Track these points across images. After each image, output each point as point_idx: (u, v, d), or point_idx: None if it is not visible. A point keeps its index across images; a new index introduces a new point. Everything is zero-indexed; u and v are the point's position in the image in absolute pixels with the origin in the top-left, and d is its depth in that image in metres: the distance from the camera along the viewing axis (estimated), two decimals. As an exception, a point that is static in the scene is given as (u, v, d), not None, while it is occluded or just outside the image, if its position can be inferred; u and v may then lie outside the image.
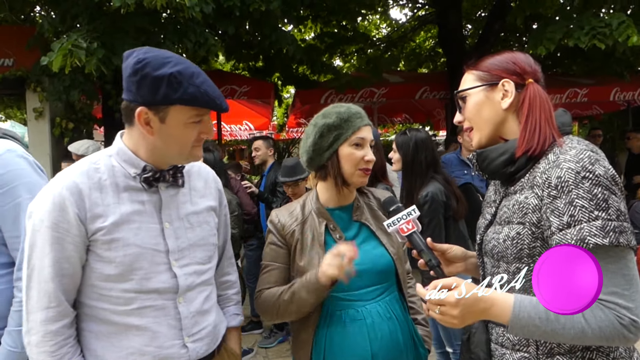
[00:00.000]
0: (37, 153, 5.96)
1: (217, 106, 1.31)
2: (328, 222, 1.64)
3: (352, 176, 1.61)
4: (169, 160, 1.39)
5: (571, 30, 5.33)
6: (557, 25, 5.51)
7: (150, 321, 1.34)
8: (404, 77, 8.93)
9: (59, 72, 4.40)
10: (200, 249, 1.45)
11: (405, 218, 1.42)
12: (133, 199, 1.35)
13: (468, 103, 1.33)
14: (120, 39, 4.63)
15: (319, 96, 8.21)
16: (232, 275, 1.71)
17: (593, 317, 1.06)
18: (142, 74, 1.24)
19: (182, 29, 4.83)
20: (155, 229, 1.36)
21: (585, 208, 1.08)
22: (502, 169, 1.26)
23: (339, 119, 1.58)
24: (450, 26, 8.13)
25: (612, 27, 5.04)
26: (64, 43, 4.28)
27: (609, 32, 5.06)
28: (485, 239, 1.33)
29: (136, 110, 1.28)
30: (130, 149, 1.37)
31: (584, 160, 1.11)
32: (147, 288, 1.33)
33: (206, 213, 1.50)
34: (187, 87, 1.25)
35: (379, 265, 1.62)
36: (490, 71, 1.30)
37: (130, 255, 1.30)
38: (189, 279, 1.40)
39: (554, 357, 1.18)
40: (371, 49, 9.03)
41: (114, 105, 6.66)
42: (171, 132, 1.31)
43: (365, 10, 8.21)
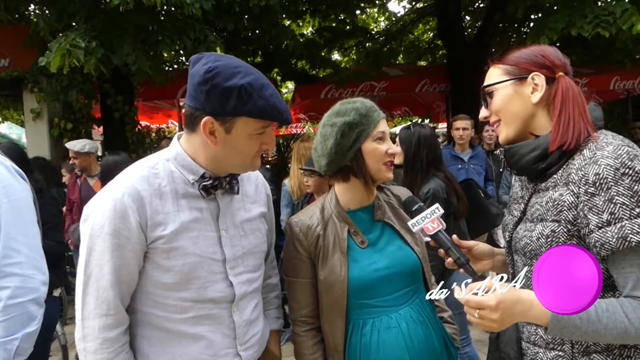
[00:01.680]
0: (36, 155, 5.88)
1: (284, 120, 1.27)
2: (350, 226, 1.57)
3: (379, 172, 1.54)
4: (229, 169, 1.36)
5: (574, 19, 5.26)
6: (560, 15, 5.44)
7: (205, 329, 1.32)
8: (403, 70, 8.88)
9: (57, 72, 4.32)
10: (252, 257, 1.43)
11: (430, 217, 1.37)
12: (192, 206, 1.32)
13: (495, 97, 1.28)
14: (118, 37, 4.55)
15: (319, 91, 8.17)
16: (273, 279, 1.68)
17: (636, 316, 1.04)
18: (213, 84, 1.20)
19: (182, 26, 4.75)
20: (212, 237, 1.34)
21: (626, 205, 1.05)
22: (533, 165, 1.22)
23: (359, 115, 1.51)
24: (450, 18, 8.06)
25: (616, 15, 4.98)
26: (62, 43, 4.20)
27: (612, 20, 5.00)
28: (515, 236, 1.29)
29: (202, 119, 1.24)
30: (189, 154, 1.33)
31: (622, 156, 1.08)
32: (204, 297, 1.31)
33: (258, 220, 1.48)
34: (256, 99, 1.21)
35: (407, 266, 1.56)
36: (518, 65, 1.26)
37: (189, 264, 1.28)
38: (243, 288, 1.39)
39: (590, 355, 1.15)
40: (370, 42, 8.94)
41: (113, 104, 6.60)
42: (235, 143, 1.27)
43: (364, 4, 8.13)
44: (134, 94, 6.91)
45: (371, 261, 1.54)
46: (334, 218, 1.58)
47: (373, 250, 1.56)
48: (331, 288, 1.51)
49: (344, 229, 1.56)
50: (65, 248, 3.36)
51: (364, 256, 1.55)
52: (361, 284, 1.51)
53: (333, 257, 1.52)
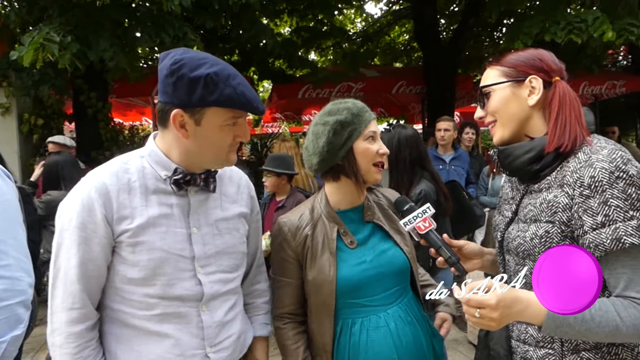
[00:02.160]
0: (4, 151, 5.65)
1: (254, 109, 1.27)
2: (339, 226, 1.58)
3: (368, 173, 1.55)
4: (203, 164, 1.36)
5: (548, 25, 5.40)
6: (534, 20, 5.58)
7: (171, 328, 1.31)
8: (380, 71, 8.94)
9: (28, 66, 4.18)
10: (227, 257, 1.41)
11: (421, 216, 1.39)
12: (161, 202, 1.32)
13: (492, 98, 1.30)
14: (94, 32, 4.43)
15: (296, 90, 8.14)
16: (261, 284, 1.66)
17: (628, 315, 1.06)
18: (179, 75, 1.21)
19: (160, 22, 4.66)
20: (182, 234, 1.33)
21: (620, 208, 1.08)
22: (527, 166, 1.24)
23: (351, 114, 1.52)
24: (426, 21, 8.15)
25: (588, 22, 5.13)
26: (35, 36, 4.06)
27: (584, 28, 5.15)
28: (507, 236, 1.31)
29: (171, 112, 1.26)
30: (162, 151, 1.35)
31: (616, 160, 1.11)
32: (170, 294, 1.30)
33: (237, 220, 1.46)
34: (223, 88, 1.22)
35: (396, 266, 1.58)
36: (516, 67, 1.28)
37: (155, 260, 1.27)
38: (214, 287, 1.37)
39: (580, 353, 1.18)
40: (347, 43, 8.98)
41: (86, 100, 6.42)
42: (207, 135, 1.28)
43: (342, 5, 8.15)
44: (107, 91, 6.74)
45: (360, 261, 1.55)
46: (323, 218, 1.59)
47: (362, 250, 1.57)
48: (320, 288, 1.51)
49: (334, 229, 1.57)
50: (39, 247, 3.26)
51: (353, 256, 1.56)
52: (350, 284, 1.51)
53: (322, 258, 1.53)
